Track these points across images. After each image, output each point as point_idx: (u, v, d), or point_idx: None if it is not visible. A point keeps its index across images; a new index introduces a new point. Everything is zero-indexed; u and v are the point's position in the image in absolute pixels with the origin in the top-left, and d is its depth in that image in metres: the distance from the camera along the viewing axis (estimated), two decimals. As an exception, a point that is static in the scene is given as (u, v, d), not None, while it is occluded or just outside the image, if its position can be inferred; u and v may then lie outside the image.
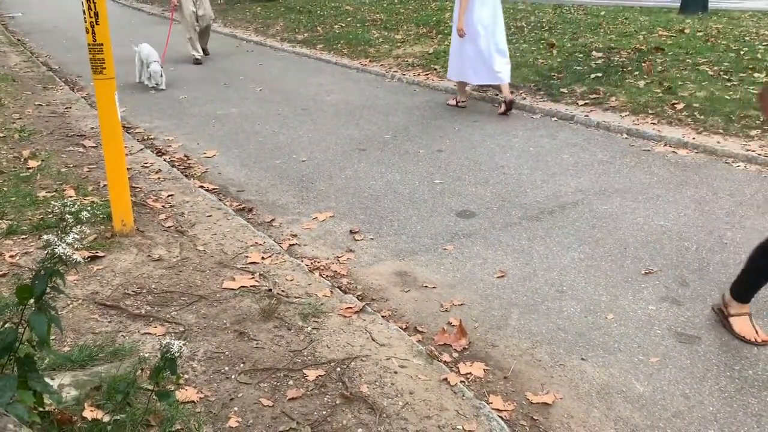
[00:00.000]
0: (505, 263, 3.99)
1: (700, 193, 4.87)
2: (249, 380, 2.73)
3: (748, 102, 6.56)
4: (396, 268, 3.96)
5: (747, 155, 5.46)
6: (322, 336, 3.08)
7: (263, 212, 4.77)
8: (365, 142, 6.37)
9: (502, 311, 3.48)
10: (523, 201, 4.90)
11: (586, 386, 2.89)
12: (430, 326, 3.35)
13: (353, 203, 4.92)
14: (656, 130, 6.22)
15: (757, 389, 2.83)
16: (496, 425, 2.51)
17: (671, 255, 3.97)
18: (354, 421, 2.51)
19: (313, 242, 4.29)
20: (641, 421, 2.67)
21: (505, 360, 3.08)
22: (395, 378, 2.78)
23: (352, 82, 9.20)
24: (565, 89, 7.71)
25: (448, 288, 3.72)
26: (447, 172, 5.53)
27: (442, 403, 2.64)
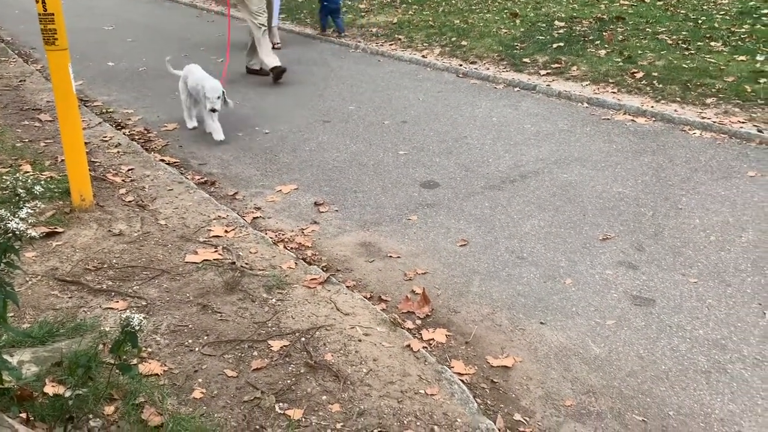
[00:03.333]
0: (467, 232, 4.04)
1: (657, 161, 4.98)
2: (213, 352, 2.74)
3: (705, 71, 6.69)
4: (361, 239, 3.98)
5: (703, 123, 5.59)
6: (287, 307, 3.10)
7: (226, 185, 4.73)
8: (329, 114, 6.34)
9: (464, 279, 3.54)
10: (486, 171, 4.95)
11: (544, 349, 2.97)
12: (394, 295, 3.39)
13: (317, 175, 4.91)
14: (616, 99, 6.31)
15: (707, 348, 2.94)
16: (457, 388, 2.58)
17: (628, 221, 4.08)
18: (318, 389, 2.55)
19: (277, 215, 4.29)
20: (597, 381, 2.77)
21: (466, 325, 3.15)
22: (359, 346, 2.82)
23: (315, 52, 9.10)
24: (528, 59, 7.74)
25: (411, 257, 3.76)
26: (411, 143, 5.54)
27: (405, 368, 2.69)
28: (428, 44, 8.95)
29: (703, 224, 4.00)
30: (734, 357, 2.88)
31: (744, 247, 3.73)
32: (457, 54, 8.38)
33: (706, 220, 4.05)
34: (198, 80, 5.50)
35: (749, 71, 6.54)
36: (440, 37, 9.11)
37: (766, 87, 6.11)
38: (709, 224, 4.00)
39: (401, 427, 2.37)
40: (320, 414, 2.42)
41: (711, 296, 3.31)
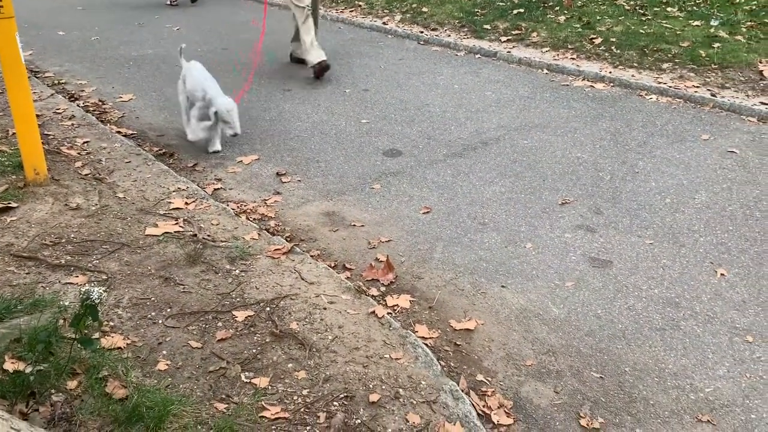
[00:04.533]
0: (430, 199, 4.07)
1: (615, 126, 5.06)
2: (177, 324, 2.73)
3: (662, 36, 6.79)
4: (324, 208, 3.98)
5: (659, 88, 5.69)
6: (251, 278, 3.09)
7: (185, 157, 4.65)
8: (289, 83, 6.25)
9: (427, 245, 3.58)
10: (448, 138, 4.96)
11: (506, 311, 3.04)
12: (358, 263, 3.41)
13: (279, 145, 4.86)
14: (575, 65, 6.37)
15: (661, 306, 3.05)
16: (421, 352, 2.63)
17: (587, 185, 4.16)
18: (284, 357, 2.57)
19: (238, 186, 4.24)
20: (556, 341, 2.85)
21: (430, 291, 3.19)
22: (324, 314, 2.85)
23: (274, 19, 8.91)
24: (489, 26, 7.73)
25: (375, 226, 3.78)
26: (373, 112, 5.52)
27: (370, 334, 2.72)
28: (389, 11, 8.85)
29: (659, 187, 4.10)
30: (687, 314, 2.99)
31: (697, 209, 3.85)
32: (418, 21, 8.31)
33: (661, 183, 4.16)
34: (197, 85, 4.60)
35: (703, 36, 6.66)
36: (401, 4, 9.01)
37: (719, 52, 6.23)
38: (665, 187, 4.10)
39: (367, 391, 2.41)
40: (286, 381, 2.44)
41: (666, 257, 3.41)
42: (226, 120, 4.47)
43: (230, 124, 4.48)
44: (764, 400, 2.51)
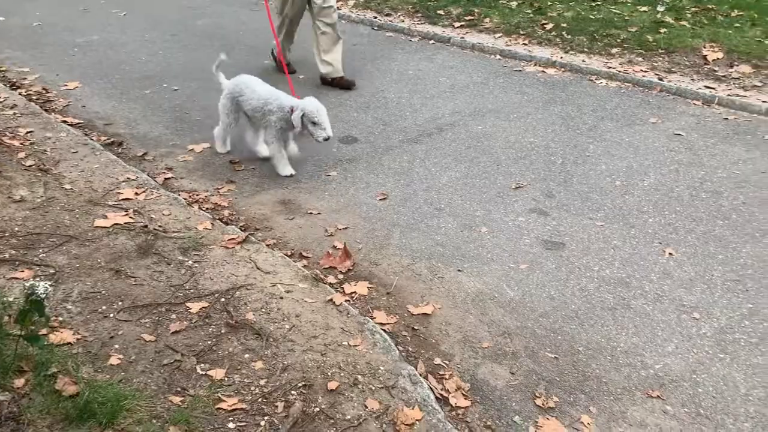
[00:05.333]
0: (386, 186, 4.07)
1: (566, 110, 5.14)
2: (129, 317, 2.66)
3: (611, 21, 6.91)
4: (279, 196, 3.94)
5: (608, 72, 5.80)
6: (205, 269, 3.04)
7: (134, 146, 4.53)
8: (242, 69, 6.11)
9: (384, 232, 3.58)
10: (403, 125, 4.96)
11: (462, 295, 3.07)
12: (315, 251, 3.39)
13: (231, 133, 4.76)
14: (527, 51, 6.43)
15: (613, 286, 3.12)
16: (379, 338, 2.63)
17: (539, 169, 4.21)
18: (240, 348, 2.54)
19: (190, 175, 4.16)
20: (512, 322, 2.89)
21: (387, 277, 3.19)
22: (281, 303, 2.82)
23: (224, 4, 8.73)
24: (442, 11, 7.74)
25: (332, 213, 3.76)
26: (328, 98, 5.45)
27: (328, 322, 2.71)
28: (342, -4, 8.76)
29: (609, 170, 4.19)
30: (637, 293, 3.07)
31: (646, 190, 3.94)
32: (372, 6, 8.26)
33: (611, 165, 4.24)
34: (268, 97, 4.03)
35: (651, 22, 6.80)
36: (354, -11, 8.93)
37: (665, 37, 6.38)
38: (615, 170, 4.19)
39: (325, 378, 2.40)
40: (243, 372, 2.41)
41: (616, 238, 3.49)
42: (315, 121, 3.86)
43: (321, 125, 3.88)
44: (710, 374, 2.60)
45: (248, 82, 4.19)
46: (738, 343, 2.76)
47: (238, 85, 4.18)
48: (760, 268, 3.23)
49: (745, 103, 5.08)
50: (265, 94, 4.06)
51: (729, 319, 2.90)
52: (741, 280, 3.15)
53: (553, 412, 2.42)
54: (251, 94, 4.10)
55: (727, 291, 3.08)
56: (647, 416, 2.41)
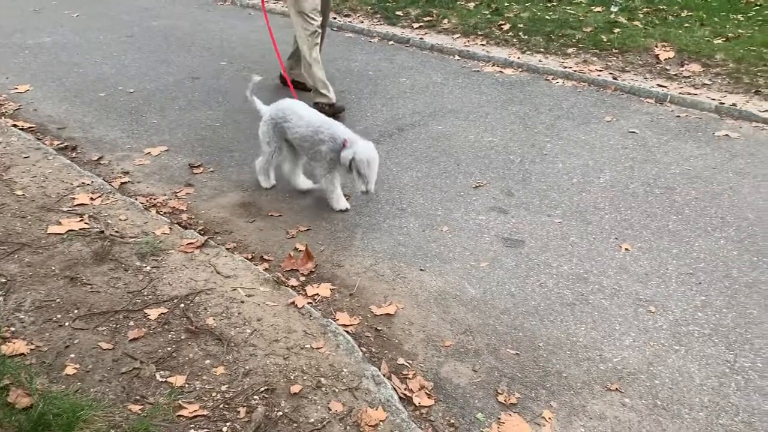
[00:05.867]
0: (348, 187, 4.05)
1: (524, 109, 5.21)
2: (85, 326, 2.60)
3: (566, 22, 7.03)
4: (239, 199, 3.89)
5: (564, 72, 5.90)
6: (163, 274, 2.99)
7: (89, 150, 4.42)
8: (199, 70, 6.06)
9: (346, 233, 3.57)
10: (365, 125, 4.96)
11: (424, 294, 3.08)
12: (276, 254, 3.36)
13: (189, 135, 4.71)
14: (485, 51, 6.50)
15: (571, 282, 3.17)
16: (342, 340, 2.63)
17: (498, 168, 4.26)
18: (201, 354, 2.50)
19: (147, 179, 4.08)
20: (474, 320, 2.91)
21: (350, 278, 3.19)
22: (242, 307, 2.79)
23: (181, 5, 8.61)
24: (401, 12, 7.76)
25: (293, 215, 3.74)
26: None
27: (290, 325, 2.69)
28: (300, -3, 8.72)
29: (566, 168, 4.26)
30: (595, 288, 3.13)
31: (602, 187, 4.02)
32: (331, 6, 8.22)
33: (568, 163, 4.32)
34: (320, 125, 3.65)
35: (605, 22, 6.94)
36: (312, -10, 8.90)
37: (619, 37, 6.53)
38: (571, 167, 4.27)
39: (288, 382, 2.38)
40: (204, 378, 2.38)
41: (574, 234, 3.55)
42: (361, 172, 3.48)
43: (365, 177, 3.49)
44: (666, 366, 2.67)
45: (293, 106, 3.78)
46: (692, 335, 2.84)
47: (282, 110, 3.78)
48: (711, 261, 3.32)
49: (696, 101, 5.22)
50: (316, 121, 3.67)
51: (683, 312, 2.97)
52: (694, 273, 3.23)
53: (515, 408, 2.45)
54: (298, 121, 3.69)
55: (681, 284, 3.16)
56: (606, 409, 2.46)
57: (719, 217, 3.69)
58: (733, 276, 3.20)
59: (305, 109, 3.79)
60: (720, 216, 3.70)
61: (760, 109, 5.00)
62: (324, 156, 3.62)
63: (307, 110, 3.78)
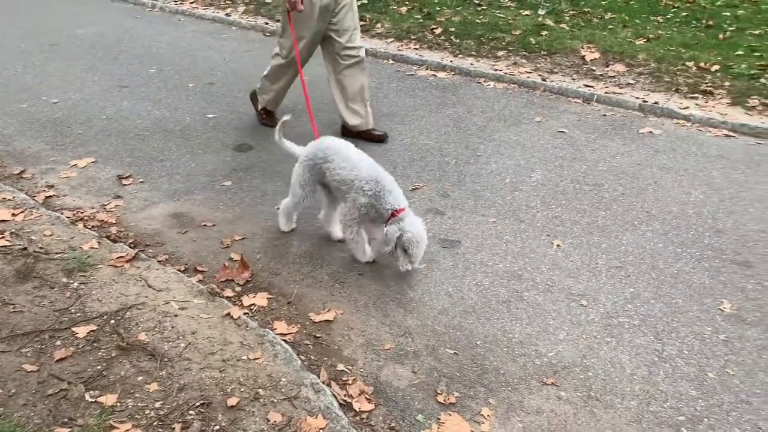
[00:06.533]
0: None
1: (457, 112, 5.29)
2: (7, 348, 2.48)
3: (496, 25, 7.17)
4: (171, 209, 3.80)
5: (495, 74, 6.02)
6: (92, 290, 2.88)
7: (10, 163, 4.23)
8: (127, 78, 5.89)
9: (283, 240, 3.53)
10: (300, 131, 4.91)
11: (363, 299, 3.08)
12: (211, 264, 3.30)
13: (118, 145, 4.56)
14: (419, 55, 6.56)
15: (506, 280, 3.23)
16: (280, 349, 2.59)
17: (434, 170, 4.31)
18: (133, 371, 2.42)
19: (73, 192, 3.93)
20: (412, 322, 2.93)
21: (288, 286, 3.15)
22: (176, 321, 2.72)
23: (108, 12, 8.35)
24: (334, 16, 7.75)
25: (228, 224, 3.67)
26: (220, 106, 5.34)
27: (226, 337, 2.64)
28: (231, 2, 8.60)
29: (499, 168, 4.35)
30: (529, 285, 3.20)
31: (533, 186, 4.12)
32: (263, 12, 8.16)
33: (501, 164, 4.40)
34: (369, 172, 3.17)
35: (533, 25, 7.13)
36: (244, -5, 8.80)
37: (547, 39, 6.71)
38: (504, 168, 4.35)
39: (225, 395, 2.33)
40: (137, 396, 2.31)
41: (508, 233, 3.62)
42: (407, 250, 3.08)
43: (411, 257, 3.11)
44: (599, 358, 2.75)
45: (338, 146, 3.33)
46: (623, 327, 2.93)
47: (323, 150, 3.32)
48: (639, 254, 3.44)
49: (621, 100, 5.42)
50: (363, 169, 3.18)
51: (614, 304, 3.07)
52: (623, 266, 3.35)
53: (454, 407, 2.48)
54: (342, 162, 3.23)
55: (611, 277, 3.26)
56: (543, 403, 2.51)
57: (645, 211, 3.83)
58: (660, 267, 3.33)
59: (353, 151, 3.30)
60: (646, 210, 3.84)
61: (680, 107, 5.23)
62: (359, 208, 3.17)
63: (357, 153, 3.29)
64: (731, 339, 2.84)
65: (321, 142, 3.41)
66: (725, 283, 3.20)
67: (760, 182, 4.14)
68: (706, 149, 4.62)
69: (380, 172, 3.19)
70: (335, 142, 3.38)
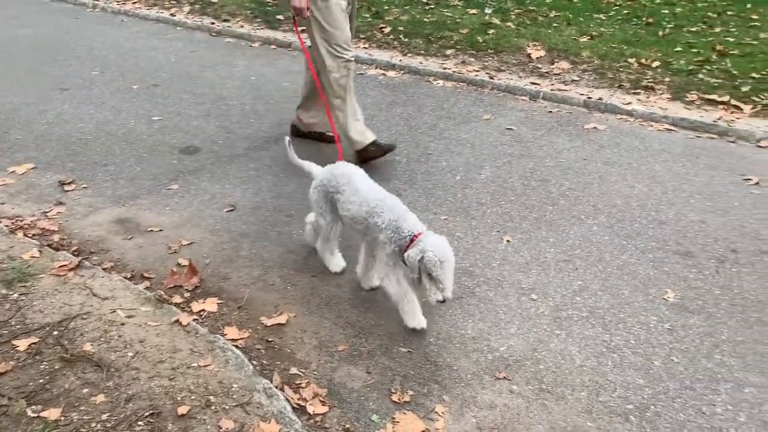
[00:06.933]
0: (234, 196, 3.96)
1: (407, 111, 5.30)
2: (-58, 365, 2.37)
3: (444, 24, 7.23)
4: (116, 215, 3.70)
5: (444, 73, 6.06)
6: (33, 301, 2.78)
7: (-57, 171, 4.05)
8: (68, 81, 5.71)
9: (233, 243, 3.48)
10: (248, 132, 4.86)
11: (317, 300, 3.06)
12: (158, 270, 3.22)
13: (59, 150, 4.42)
14: (368, 54, 6.56)
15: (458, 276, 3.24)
16: (231, 355, 2.55)
17: (385, 170, 4.31)
18: (78, 383, 2.35)
19: (12, 199, 3.79)
20: (366, 322, 2.92)
21: (238, 290, 3.11)
22: (122, 330, 2.65)
23: (47, 13, 8.08)
24: (282, 16, 7.69)
25: (175, 229, 3.59)
26: (166, 108, 5.23)
27: (175, 344, 2.59)
28: (176, 2, 8.43)
29: (450, 166, 4.38)
30: (480, 281, 3.23)
31: (483, 183, 4.17)
32: (208, 12, 8.02)
33: (451, 162, 4.44)
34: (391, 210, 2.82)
35: (480, 23, 7.21)
36: (189, -6, 8.64)
37: (494, 38, 6.80)
38: (455, 165, 4.39)
39: (175, 404, 2.28)
40: (82, 409, 2.24)
41: (459, 230, 3.65)
42: (433, 274, 2.63)
43: (439, 282, 2.64)
44: (549, 350, 2.80)
45: (350, 174, 2.99)
46: (571, 319, 2.99)
47: (336, 178, 3.00)
48: (586, 247, 3.52)
49: (566, 97, 5.53)
50: (372, 200, 2.85)
51: (563, 297, 3.13)
52: (571, 259, 3.42)
53: (409, 405, 2.48)
54: (352, 195, 2.91)
55: (560, 271, 3.33)
56: (496, 398, 2.54)
57: (591, 205, 3.92)
58: (606, 260, 3.41)
59: (363, 181, 2.98)
60: (592, 204, 3.93)
61: (623, 102, 5.37)
62: (383, 246, 2.82)
63: (366, 182, 2.98)
64: (675, 327, 2.93)
65: (335, 168, 3.06)
66: (668, 273, 3.30)
67: (700, 174, 4.28)
68: (648, 143, 4.75)
69: (390, 200, 2.87)
70: (349, 170, 3.03)
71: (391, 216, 2.79)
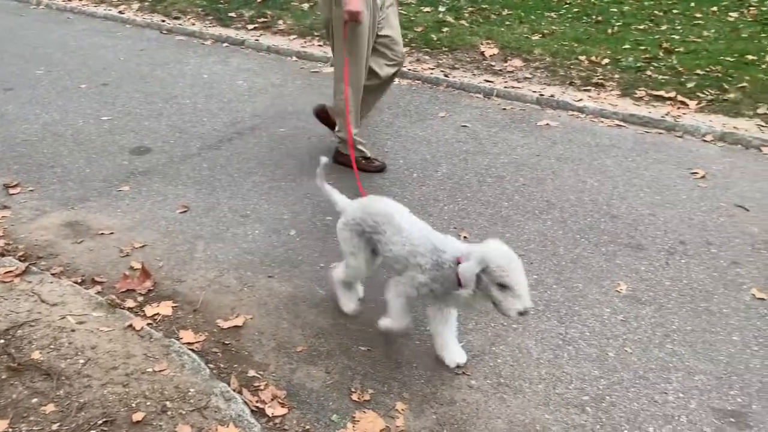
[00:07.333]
0: (187, 197, 3.89)
1: (363, 108, 5.29)
2: None
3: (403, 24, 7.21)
4: (64, 218, 3.59)
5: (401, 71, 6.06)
6: (-23, 309, 2.68)
7: None
8: (12, 80, 5.51)
9: (187, 245, 3.42)
10: (201, 131, 4.78)
11: (274, 301, 3.02)
12: (110, 275, 3.14)
13: (3, 152, 4.27)
14: (323, 52, 6.52)
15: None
16: (187, 359, 2.50)
17: (343, 168, 4.28)
18: (27, 393, 2.27)
19: (-48, 204, 3.64)
20: (325, 322, 2.91)
21: (193, 293, 3.05)
22: (73, 336, 2.57)
23: None
24: (234, 14, 7.58)
25: (127, 231, 3.51)
26: (115, 108, 5.10)
27: (128, 350, 2.52)
28: (125, -1, 8.23)
29: (407, 164, 4.39)
30: (439, 278, 3.24)
31: (440, 180, 4.19)
32: (158, 9, 7.85)
33: (408, 159, 4.45)
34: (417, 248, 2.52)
35: (434, 21, 7.25)
36: (138, -9, 8.44)
37: (448, 36, 6.84)
38: (411, 163, 4.40)
39: (129, 411, 2.23)
40: (31, 419, 2.16)
41: (416, 228, 3.66)
42: (504, 282, 2.26)
43: (512, 289, 2.27)
44: (507, 344, 2.83)
45: (388, 211, 2.66)
46: (527, 313, 3.02)
47: (372, 217, 2.65)
48: (540, 242, 3.58)
49: (520, 94, 5.60)
50: (416, 237, 2.55)
51: (519, 292, 3.17)
52: (526, 254, 3.46)
53: (369, 404, 2.48)
54: (394, 236, 2.59)
55: (516, 266, 3.36)
56: (455, 393, 2.56)
57: (545, 201, 3.98)
58: (560, 254, 3.47)
59: (405, 218, 2.65)
60: (546, 199, 4.00)
61: (574, 99, 5.47)
62: (417, 286, 2.55)
63: (408, 219, 2.66)
64: (628, 319, 3.00)
65: (370, 204, 2.73)
66: (621, 266, 3.38)
67: (649, 168, 4.40)
68: (599, 139, 4.86)
69: (430, 233, 2.61)
70: (385, 206, 2.70)
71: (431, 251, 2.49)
